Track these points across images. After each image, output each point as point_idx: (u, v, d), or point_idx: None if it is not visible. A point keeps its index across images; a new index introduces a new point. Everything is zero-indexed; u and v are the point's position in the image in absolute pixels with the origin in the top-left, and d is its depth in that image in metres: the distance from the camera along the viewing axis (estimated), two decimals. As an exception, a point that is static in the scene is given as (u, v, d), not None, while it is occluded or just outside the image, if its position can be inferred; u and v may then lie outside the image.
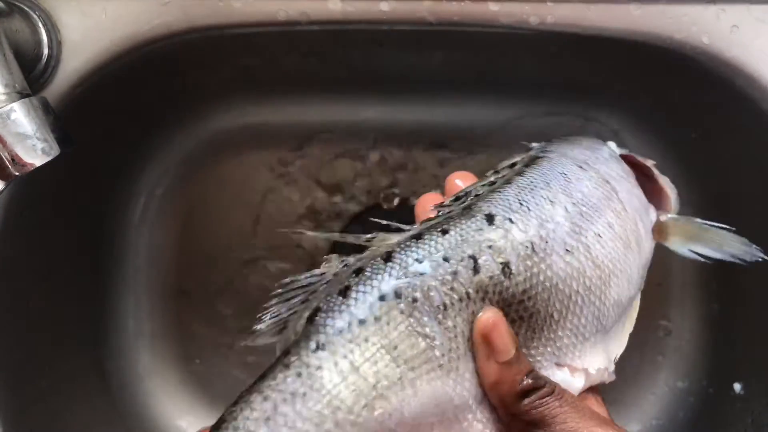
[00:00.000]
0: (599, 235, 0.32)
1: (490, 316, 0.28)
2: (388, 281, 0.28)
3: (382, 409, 0.27)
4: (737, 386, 0.49)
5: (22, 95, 0.34)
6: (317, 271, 0.30)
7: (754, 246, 0.36)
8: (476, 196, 0.32)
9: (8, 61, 0.34)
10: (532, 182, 0.32)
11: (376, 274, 0.29)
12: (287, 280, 0.30)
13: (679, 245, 0.37)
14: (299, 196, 0.57)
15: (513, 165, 0.35)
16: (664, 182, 0.39)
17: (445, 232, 0.30)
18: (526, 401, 0.28)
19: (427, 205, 0.34)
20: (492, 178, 0.34)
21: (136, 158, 0.55)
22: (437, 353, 0.28)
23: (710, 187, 0.53)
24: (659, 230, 0.37)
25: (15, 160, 0.33)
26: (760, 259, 0.35)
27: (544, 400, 0.28)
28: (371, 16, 0.43)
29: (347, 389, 0.26)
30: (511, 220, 0.30)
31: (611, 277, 0.32)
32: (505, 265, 0.29)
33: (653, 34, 0.43)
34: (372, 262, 0.30)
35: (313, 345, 0.27)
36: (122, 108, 0.49)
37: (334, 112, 0.56)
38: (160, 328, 0.56)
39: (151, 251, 0.56)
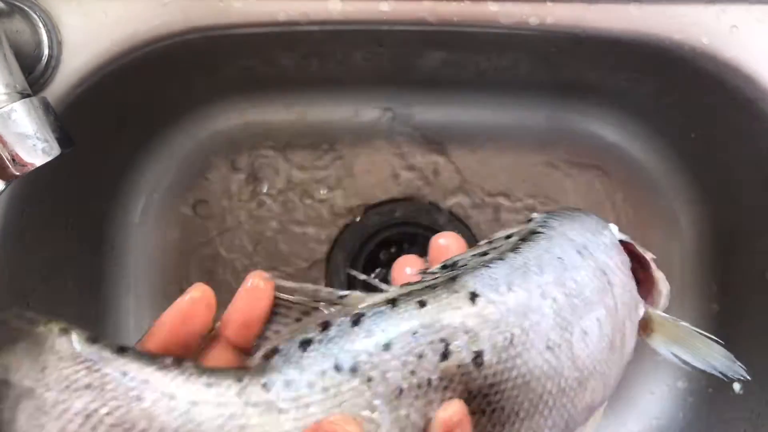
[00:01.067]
0: (586, 332, 0.29)
1: (455, 412, 0.26)
2: (348, 350, 0.26)
3: None
4: (737, 386, 0.49)
5: (22, 95, 0.34)
6: (292, 301, 0.28)
7: (738, 363, 0.34)
8: (464, 266, 0.29)
9: (8, 62, 0.34)
10: (525, 263, 0.29)
11: (340, 337, 0.26)
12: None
13: (661, 345, 0.35)
14: (299, 196, 0.57)
15: (509, 237, 0.32)
16: (660, 278, 0.37)
17: (422, 304, 0.27)
18: None
19: (404, 267, 0.32)
20: (485, 248, 0.31)
21: (136, 158, 0.55)
22: None
23: (710, 187, 0.53)
24: (644, 325, 0.35)
25: (15, 160, 0.33)
26: (741, 378, 0.34)
27: None
28: (371, 16, 0.43)
29: None
30: (495, 304, 0.27)
31: (589, 380, 0.29)
32: (478, 355, 0.26)
33: (653, 34, 0.43)
34: (341, 320, 0.27)
35: (263, 380, 0.25)
36: (122, 108, 0.49)
37: (334, 112, 0.56)
38: (160, 328, 0.56)
39: (152, 251, 0.56)
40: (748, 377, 0.33)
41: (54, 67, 0.42)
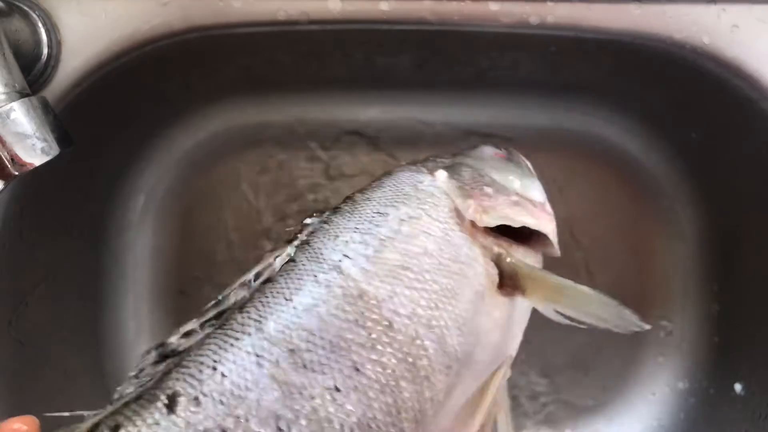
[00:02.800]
0: (337, 386, 0.26)
1: None
2: None
3: None
4: (737, 386, 0.49)
5: (21, 95, 0.34)
6: None
7: (628, 310, 0.29)
8: (177, 354, 0.27)
9: (8, 61, 0.34)
10: (230, 333, 0.27)
11: None
12: None
13: (539, 303, 0.31)
14: (299, 196, 0.57)
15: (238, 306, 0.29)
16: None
17: (116, 428, 0.24)
18: None
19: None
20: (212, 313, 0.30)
21: (136, 158, 0.55)
22: None
23: (710, 187, 0.53)
24: (511, 282, 0.32)
25: (15, 159, 0.33)
26: (638, 327, 0.29)
27: None
28: (371, 16, 0.43)
29: None
30: (197, 401, 0.25)
31: None
32: None
33: (653, 34, 0.43)
34: None
35: None
36: (122, 108, 0.49)
37: (334, 112, 0.56)
38: (160, 328, 0.56)
39: (151, 251, 0.56)
40: (645, 326, 0.29)
41: (53, 67, 0.42)
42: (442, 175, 0.34)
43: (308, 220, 0.33)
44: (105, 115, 0.47)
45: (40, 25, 0.41)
